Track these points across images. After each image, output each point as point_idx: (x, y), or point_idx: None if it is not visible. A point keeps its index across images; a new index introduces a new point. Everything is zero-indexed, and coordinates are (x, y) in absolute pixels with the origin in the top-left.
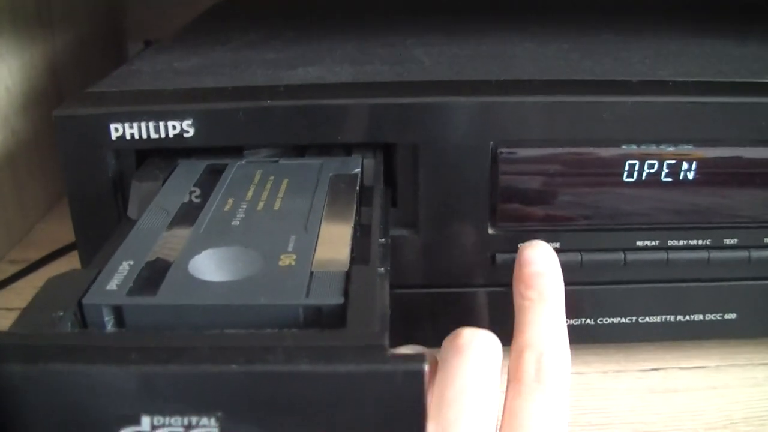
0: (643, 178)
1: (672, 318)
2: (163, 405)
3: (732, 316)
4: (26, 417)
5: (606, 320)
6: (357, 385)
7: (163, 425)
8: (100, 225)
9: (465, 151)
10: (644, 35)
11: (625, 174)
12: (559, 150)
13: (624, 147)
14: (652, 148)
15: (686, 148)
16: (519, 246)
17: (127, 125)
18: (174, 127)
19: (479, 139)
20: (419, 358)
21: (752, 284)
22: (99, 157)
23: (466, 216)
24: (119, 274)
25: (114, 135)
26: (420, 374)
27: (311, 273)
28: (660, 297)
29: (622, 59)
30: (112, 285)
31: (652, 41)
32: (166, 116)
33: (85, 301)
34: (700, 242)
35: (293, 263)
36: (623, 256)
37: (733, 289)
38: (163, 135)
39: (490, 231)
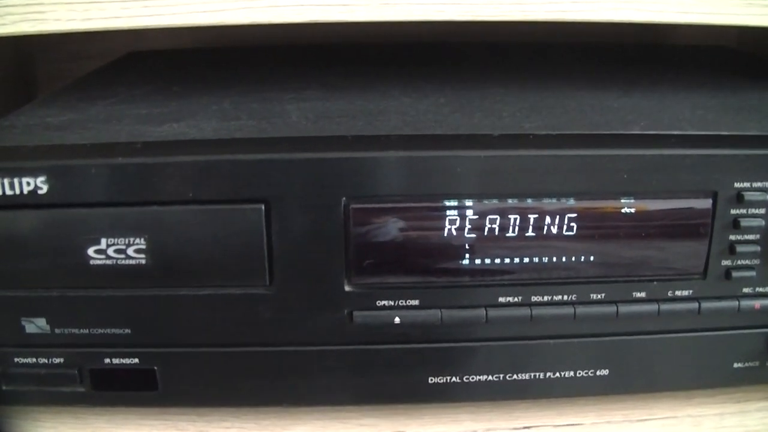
0: (504, 232)
1: (541, 375)
2: None
3: (604, 372)
4: None
5: (473, 378)
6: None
7: None
8: None
9: (317, 208)
10: (527, 87)
11: (486, 229)
12: (413, 205)
13: (485, 201)
14: (512, 202)
15: (547, 202)
16: None
17: None
18: (28, 184)
19: (331, 195)
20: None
21: (622, 339)
22: None
23: (321, 273)
24: None
25: None
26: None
27: None
28: (527, 354)
29: (494, 112)
30: None
31: (532, 92)
32: (21, 173)
33: None
34: (566, 298)
35: None
36: (485, 312)
37: (603, 344)
38: (18, 192)
39: (347, 288)
